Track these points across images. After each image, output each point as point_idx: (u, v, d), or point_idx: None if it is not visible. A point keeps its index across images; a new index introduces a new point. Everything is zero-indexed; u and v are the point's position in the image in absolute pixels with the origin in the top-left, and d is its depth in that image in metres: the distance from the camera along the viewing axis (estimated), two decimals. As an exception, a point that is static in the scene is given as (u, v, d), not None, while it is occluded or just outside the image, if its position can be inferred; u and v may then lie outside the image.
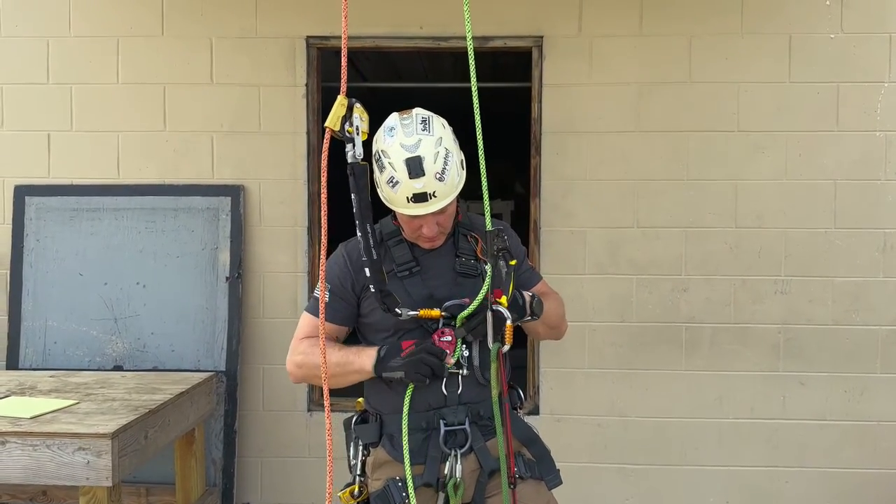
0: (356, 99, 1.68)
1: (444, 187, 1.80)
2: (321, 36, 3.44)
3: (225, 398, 3.36)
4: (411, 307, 1.84)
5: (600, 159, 3.40)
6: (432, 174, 1.77)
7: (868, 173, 3.35)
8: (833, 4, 3.34)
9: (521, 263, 2.02)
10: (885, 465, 3.37)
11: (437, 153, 1.78)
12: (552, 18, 3.39)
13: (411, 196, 1.78)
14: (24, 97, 3.49)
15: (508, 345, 1.81)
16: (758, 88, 3.36)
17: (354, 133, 1.67)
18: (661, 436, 3.42)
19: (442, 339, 1.83)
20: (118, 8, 3.45)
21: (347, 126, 1.66)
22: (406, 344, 1.84)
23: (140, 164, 3.48)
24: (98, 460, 2.35)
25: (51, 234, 3.46)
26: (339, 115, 1.65)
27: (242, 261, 3.44)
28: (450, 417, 1.89)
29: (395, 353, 1.84)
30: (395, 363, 1.83)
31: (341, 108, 1.65)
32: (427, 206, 1.80)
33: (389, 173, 1.78)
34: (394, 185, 1.79)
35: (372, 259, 1.77)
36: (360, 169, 1.71)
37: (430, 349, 1.81)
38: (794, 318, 3.37)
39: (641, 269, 3.40)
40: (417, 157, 1.76)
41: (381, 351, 1.86)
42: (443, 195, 1.80)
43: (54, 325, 3.43)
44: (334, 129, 1.64)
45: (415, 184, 1.77)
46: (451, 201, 1.84)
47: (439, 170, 1.78)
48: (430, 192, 1.78)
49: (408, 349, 1.83)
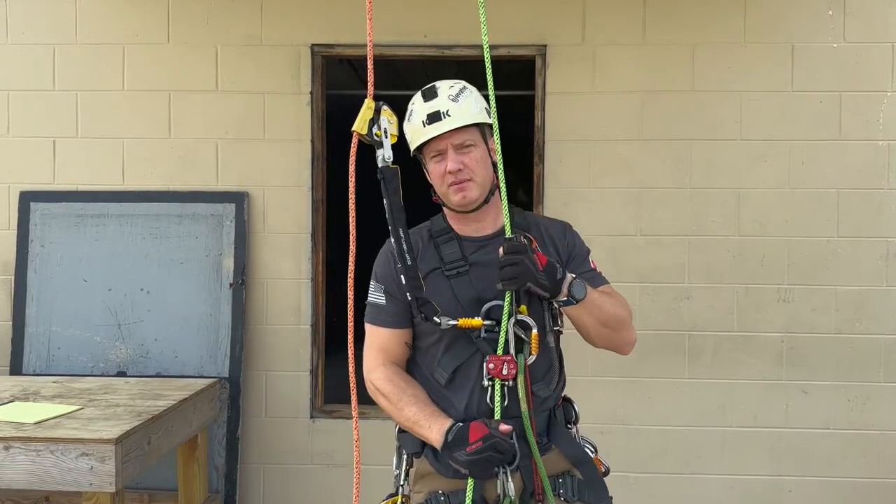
0: (384, 102, 1.67)
1: (458, 108, 1.80)
2: (326, 44, 3.46)
3: (228, 404, 3.36)
4: (453, 314, 1.76)
5: (603, 167, 3.41)
6: (445, 96, 1.81)
7: (871, 182, 3.36)
8: (835, 14, 3.35)
9: (581, 263, 1.94)
10: (888, 475, 3.36)
11: (453, 85, 1.84)
12: (555, 27, 3.41)
13: (425, 118, 1.79)
14: (30, 103, 3.51)
15: (534, 355, 1.74)
16: (760, 97, 3.37)
17: (383, 136, 1.65)
18: (664, 444, 3.41)
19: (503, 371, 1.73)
20: (124, 15, 3.48)
21: (375, 129, 1.64)
22: (474, 435, 1.70)
23: (145, 171, 3.49)
24: (102, 466, 2.35)
25: (55, 240, 3.47)
26: (366, 119, 1.62)
27: (246, 267, 3.45)
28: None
29: (463, 442, 1.70)
30: (461, 457, 1.70)
31: (368, 111, 1.62)
32: (441, 125, 1.78)
33: (409, 110, 1.82)
34: (411, 116, 1.82)
35: (406, 265, 1.72)
36: (391, 172, 1.68)
37: (498, 446, 1.68)
38: (797, 326, 3.37)
39: (644, 277, 3.40)
40: (432, 85, 1.85)
41: (448, 434, 1.73)
42: (457, 115, 1.79)
43: (58, 330, 3.43)
44: (362, 133, 1.62)
45: (427, 105, 1.80)
46: (470, 127, 1.81)
47: (453, 94, 1.82)
48: (444, 110, 1.79)
49: (475, 444, 1.68)
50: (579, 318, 1.83)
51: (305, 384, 3.47)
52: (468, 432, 1.71)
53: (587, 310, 1.81)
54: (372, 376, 1.88)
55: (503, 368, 1.73)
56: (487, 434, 1.69)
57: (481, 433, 1.69)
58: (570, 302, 1.78)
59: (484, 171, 1.84)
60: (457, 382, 1.83)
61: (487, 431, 1.69)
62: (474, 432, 1.70)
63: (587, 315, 1.82)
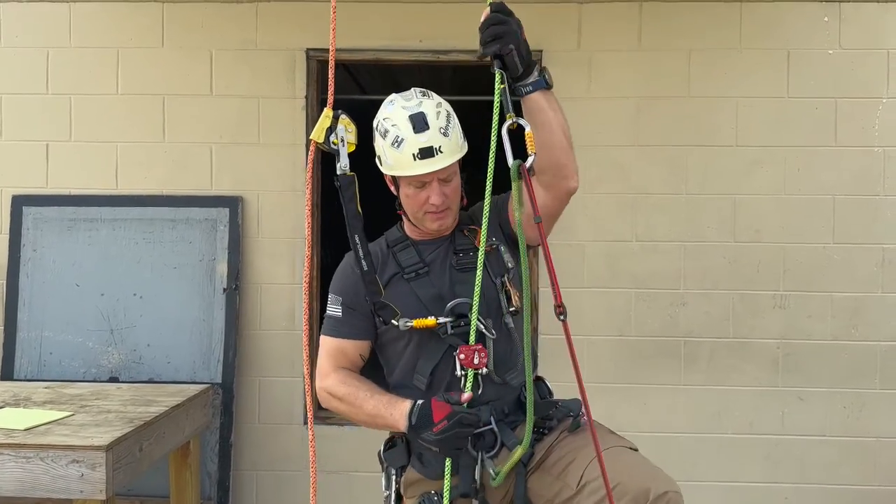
0: (343, 111, 1.68)
1: (449, 143, 1.79)
2: (321, 48, 3.45)
3: (221, 411, 3.34)
4: (417, 314, 1.80)
5: (599, 173, 3.40)
6: (436, 129, 1.78)
7: (867, 189, 3.36)
8: (831, 20, 3.35)
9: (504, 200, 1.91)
10: (884, 482, 3.35)
11: (439, 112, 1.80)
12: (551, 33, 3.40)
13: (417, 152, 1.76)
14: (24, 107, 3.49)
15: (533, 155, 1.57)
16: (756, 103, 3.37)
17: (340, 145, 1.67)
18: (659, 451, 3.37)
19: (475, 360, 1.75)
20: (119, 19, 3.46)
21: (333, 138, 1.66)
22: (437, 415, 1.71)
23: (139, 175, 3.47)
24: (92, 473, 2.33)
25: (48, 245, 3.45)
26: (324, 127, 1.65)
27: (240, 272, 3.43)
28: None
29: (427, 423, 1.73)
30: (429, 437, 1.72)
31: (326, 120, 1.65)
32: (434, 163, 1.77)
33: (393, 134, 1.77)
34: (398, 145, 1.77)
35: (364, 270, 1.77)
36: (347, 180, 1.71)
37: (463, 420, 1.71)
38: (792, 332, 3.36)
39: (640, 283, 3.39)
40: (421, 113, 1.78)
41: (412, 417, 1.75)
42: (449, 151, 1.79)
43: (50, 335, 3.41)
44: (319, 142, 1.65)
45: (420, 138, 1.76)
46: (456, 161, 1.82)
47: (443, 125, 1.79)
48: (437, 146, 1.77)
49: (440, 423, 1.71)
50: (546, 113, 1.72)
51: (299, 390, 3.44)
52: (431, 412, 1.73)
53: (553, 106, 1.74)
54: (325, 383, 1.91)
55: (474, 357, 1.76)
56: (451, 412, 1.72)
57: (444, 412, 1.72)
58: (541, 83, 1.70)
59: (458, 199, 1.89)
60: (435, 385, 1.84)
61: (450, 409, 1.72)
62: (437, 412, 1.72)
63: (553, 111, 1.74)
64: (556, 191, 1.83)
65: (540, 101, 1.72)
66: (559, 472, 1.77)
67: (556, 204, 1.86)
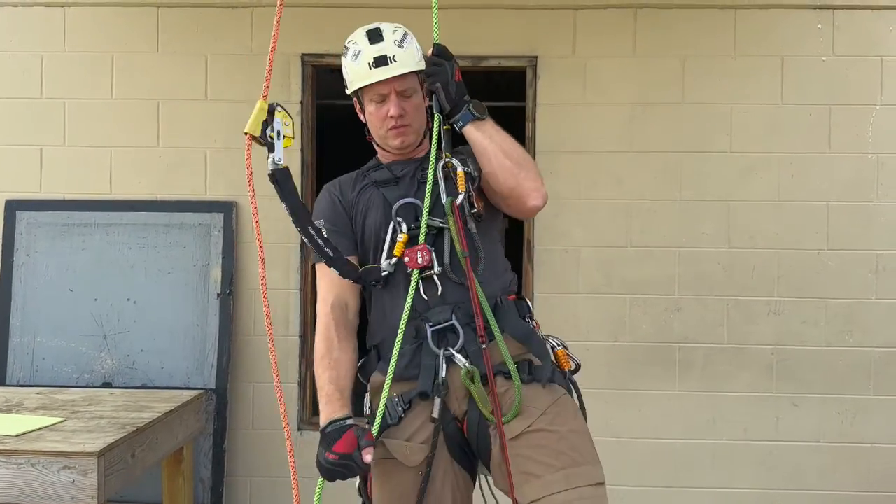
0: (279, 104, 1.65)
1: (403, 54, 1.87)
2: (316, 53, 3.45)
3: (214, 416, 3.32)
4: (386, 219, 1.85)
5: (594, 179, 3.40)
6: (391, 41, 1.87)
7: (860, 195, 3.37)
8: (824, 27, 3.37)
9: None
10: (879, 488, 3.35)
11: (395, 29, 1.91)
12: (546, 39, 3.41)
13: (372, 61, 1.85)
14: (17, 111, 3.48)
15: (462, 193, 1.78)
16: (751, 110, 3.38)
17: (276, 138, 1.63)
18: (654, 457, 3.40)
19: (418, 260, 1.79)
20: (113, 24, 3.46)
21: (269, 131, 1.62)
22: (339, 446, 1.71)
23: (133, 180, 3.46)
24: (84, 479, 2.32)
25: (41, 250, 3.44)
26: (259, 120, 1.60)
27: (234, 277, 3.42)
28: (435, 318, 1.81)
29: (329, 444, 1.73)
30: (320, 456, 1.75)
31: (262, 113, 1.61)
32: (388, 70, 1.84)
33: (352, 50, 1.88)
34: (356, 57, 1.87)
35: (330, 257, 1.75)
36: (283, 174, 1.68)
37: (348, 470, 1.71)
38: (787, 339, 3.37)
39: (635, 288, 3.39)
40: (377, 27, 1.90)
41: (327, 427, 1.76)
42: (403, 62, 1.86)
43: (43, 341, 3.39)
44: (254, 135, 1.60)
45: (374, 47, 1.86)
46: (414, 76, 1.88)
47: (398, 39, 1.88)
48: (391, 55, 1.85)
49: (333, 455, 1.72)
50: (479, 143, 1.83)
51: (293, 396, 3.43)
52: (339, 438, 1.72)
53: (487, 134, 1.83)
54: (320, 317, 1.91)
55: (417, 257, 1.78)
56: (347, 454, 1.71)
57: (345, 448, 1.71)
58: (468, 116, 1.82)
59: (420, 118, 1.92)
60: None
61: (353, 450, 1.71)
62: (341, 443, 1.72)
63: (487, 139, 1.83)
64: (517, 211, 1.90)
65: (472, 132, 1.83)
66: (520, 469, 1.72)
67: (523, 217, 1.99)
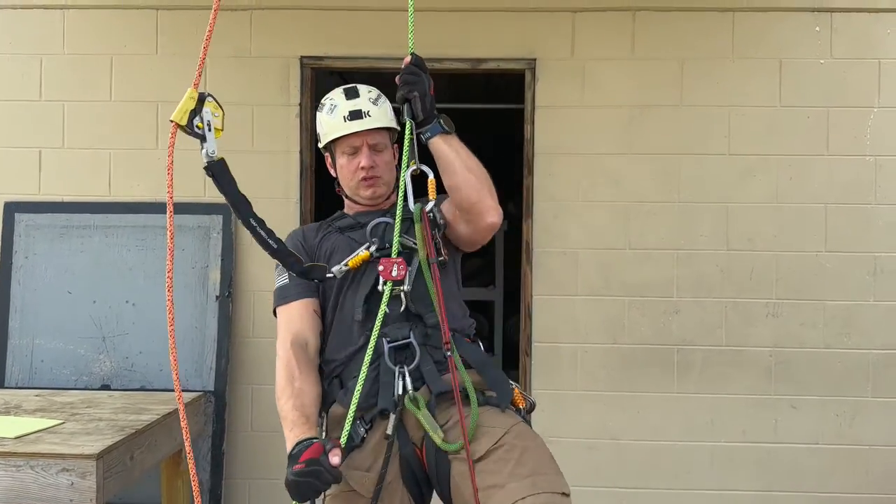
0: (211, 94, 1.60)
1: (377, 111, 2.00)
2: (315, 56, 3.45)
3: (213, 419, 3.32)
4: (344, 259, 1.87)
5: (592, 181, 3.41)
6: (366, 98, 2.01)
7: (858, 197, 3.37)
8: (822, 30, 3.38)
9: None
10: (877, 490, 3.35)
11: (370, 90, 2.05)
12: (545, 41, 3.42)
13: (347, 114, 1.97)
14: (16, 114, 3.48)
15: (432, 200, 1.83)
16: (749, 112, 3.39)
17: (205, 129, 1.58)
18: (653, 459, 3.40)
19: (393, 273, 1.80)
20: (112, 26, 3.46)
21: (197, 121, 1.56)
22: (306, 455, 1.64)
23: (131, 182, 3.47)
24: (82, 482, 2.31)
25: (40, 252, 3.44)
26: (187, 109, 1.54)
27: (233, 280, 3.42)
28: (393, 334, 1.83)
29: (295, 459, 1.66)
30: (288, 474, 1.65)
31: (190, 101, 1.55)
32: (362, 123, 1.97)
33: (329, 105, 2.00)
34: (332, 111, 1.99)
35: (274, 249, 1.72)
36: (218, 166, 1.65)
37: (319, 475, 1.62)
38: (785, 341, 3.37)
39: (633, 290, 3.40)
40: (353, 86, 2.03)
41: (295, 448, 1.70)
42: (376, 117, 1.99)
43: (41, 343, 3.39)
44: (181, 124, 1.54)
45: (350, 103, 1.99)
46: (386, 133, 2.01)
47: (373, 97, 2.02)
48: (365, 110, 1.99)
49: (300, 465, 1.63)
50: (446, 156, 1.85)
51: (292, 398, 3.43)
52: (305, 450, 1.66)
53: (454, 148, 1.87)
54: (278, 353, 1.93)
55: (393, 269, 1.80)
56: (314, 459, 1.63)
57: (312, 454, 1.64)
58: (438, 128, 1.85)
59: (390, 172, 2.03)
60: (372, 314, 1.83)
61: (320, 455, 1.64)
62: (308, 452, 1.65)
63: (454, 153, 1.86)
64: (475, 227, 1.90)
65: (440, 144, 1.86)
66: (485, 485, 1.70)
67: (478, 237, 1.95)
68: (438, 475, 1.79)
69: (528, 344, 3.44)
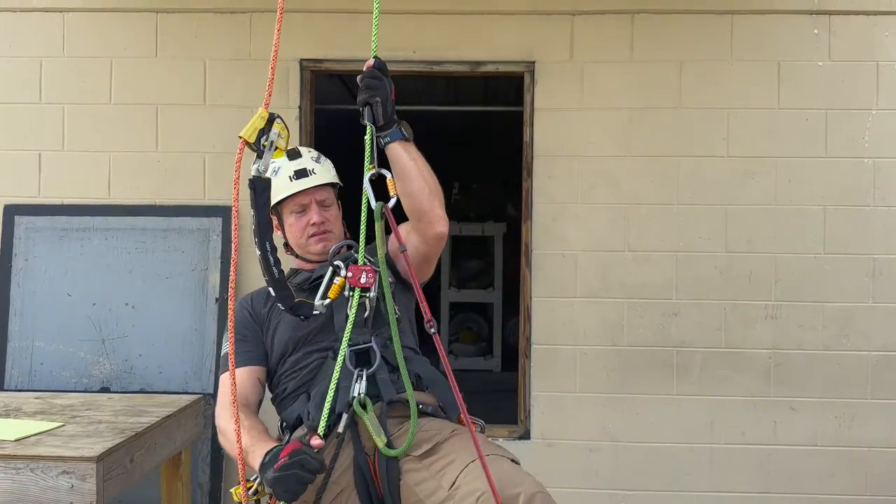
0: (280, 115, 1.66)
1: (321, 168, 2.08)
2: (315, 59, 3.46)
3: (212, 421, 3.31)
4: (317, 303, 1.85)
5: (591, 183, 3.41)
6: (308, 157, 2.09)
7: (857, 199, 3.38)
8: (821, 33, 3.39)
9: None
10: (876, 492, 3.35)
11: (311, 150, 2.14)
12: (544, 44, 3.42)
13: (293, 174, 2.03)
14: (16, 116, 3.48)
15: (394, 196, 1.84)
16: (747, 114, 3.40)
17: (268, 148, 1.63)
18: (652, 461, 3.40)
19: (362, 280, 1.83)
20: (112, 29, 3.47)
21: (263, 140, 1.61)
22: (284, 451, 1.65)
23: (131, 185, 3.47)
24: (83, 484, 2.31)
25: (40, 254, 3.44)
26: (256, 127, 1.61)
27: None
28: (355, 338, 1.85)
29: (273, 459, 1.66)
30: (269, 475, 1.63)
31: (260, 121, 1.61)
32: (308, 181, 2.04)
33: (273, 168, 2.00)
34: (276, 173, 2.02)
35: (275, 277, 1.71)
36: (263, 184, 1.66)
37: (305, 463, 1.62)
38: (784, 343, 3.38)
39: (632, 292, 3.40)
40: (295, 148, 2.09)
41: (267, 455, 1.70)
42: (321, 174, 2.07)
43: (41, 345, 3.39)
44: (249, 141, 1.60)
45: (294, 163, 2.05)
46: (330, 188, 2.09)
47: (314, 156, 2.11)
48: (310, 168, 2.06)
49: (282, 460, 1.63)
50: (403, 162, 1.88)
51: (292, 400, 3.43)
52: (282, 450, 1.67)
53: (412, 155, 1.89)
54: (217, 419, 1.95)
55: (361, 276, 1.83)
56: (296, 450, 1.64)
57: (292, 447, 1.66)
58: (398, 134, 1.86)
59: (339, 227, 2.10)
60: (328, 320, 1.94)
61: (298, 447, 1.66)
62: (286, 449, 1.66)
63: (412, 161, 1.89)
64: (424, 235, 1.95)
65: (398, 150, 1.87)
66: (437, 471, 1.73)
67: (428, 248, 1.97)
68: (389, 484, 1.77)
69: (528, 346, 3.44)
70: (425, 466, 1.75)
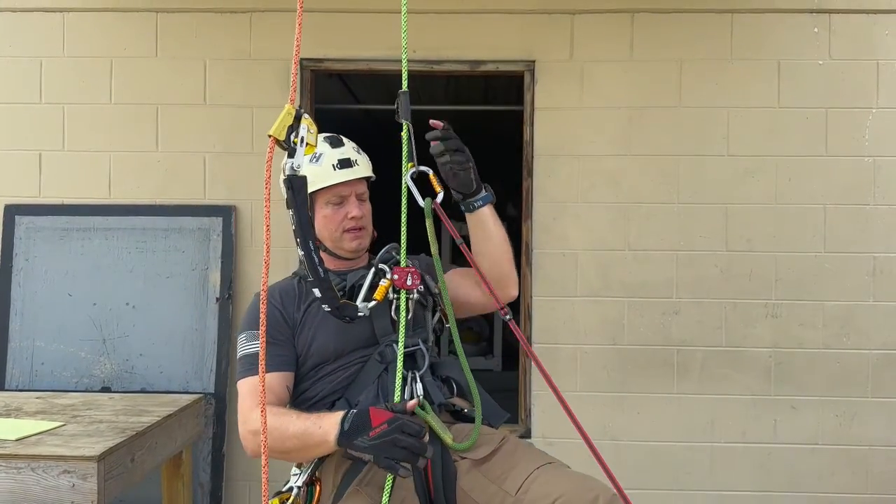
0: (306, 110, 1.64)
1: (363, 160, 2.00)
2: (315, 58, 3.46)
3: (213, 420, 3.33)
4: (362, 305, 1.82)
5: (592, 182, 3.42)
6: (350, 147, 2.00)
7: (857, 198, 3.38)
8: (821, 31, 3.38)
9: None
10: (877, 490, 3.36)
11: (350, 141, 2.03)
12: (544, 43, 3.42)
13: (336, 163, 1.93)
14: (17, 116, 3.49)
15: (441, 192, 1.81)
16: (747, 113, 3.40)
17: (299, 144, 1.58)
18: (652, 460, 3.40)
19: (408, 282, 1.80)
20: (112, 29, 3.47)
21: (293, 136, 1.58)
22: (377, 419, 1.60)
23: (132, 185, 3.47)
24: (84, 483, 2.31)
25: (40, 254, 3.44)
26: (285, 124, 1.57)
27: (233, 282, 3.43)
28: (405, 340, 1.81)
29: (363, 426, 1.60)
30: (363, 443, 1.59)
31: (289, 118, 1.57)
32: (352, 171, 1.94)
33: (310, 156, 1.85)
34: (317, 160, 1.92)
35: (320, 277, 1.65)
36: (300, 182, 1.61)
37: (405, 427, 1.58)
38: (784, 341, 3.38)
39: (633, 291, 3.40)
40: (337, 135, 1.99)
41: (344, 423, 1.63)
42: (364, 166, 1.99)
43: (42, 345, 3.40)
44: (279, 138, 1.56)
45: (337, 151, 1.95)
46: (370, 175, 2.00)
47: (355, 147, 2.01)
48: (353, 159, 1.97)
49: (379, 427, 1.58)
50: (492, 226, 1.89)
51: (292, 400, 3.44)
52: (369, 417, 1.61)
53: (497, 219, 1.90)
54: (249, 424, 1.81)
55: (407, 278, 1.81)
56: (392, 417, 1.60)
57: (384, 417, 1.60)
58: (489, 197, 1.87)
59: (371, 224, 2.02)
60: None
61: (391, 414, 1.61)
62: (376, 417, 1.60)
63: (496, 226, 1.89)
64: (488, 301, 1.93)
65: (487, 215, 1.88)
66: (496, 476, 1.75)
67: (491, 305, 1.95)
68: (445, 490, 1.77)
69: (528, 345, 3.44)
70: (483, 473, 1.76)
